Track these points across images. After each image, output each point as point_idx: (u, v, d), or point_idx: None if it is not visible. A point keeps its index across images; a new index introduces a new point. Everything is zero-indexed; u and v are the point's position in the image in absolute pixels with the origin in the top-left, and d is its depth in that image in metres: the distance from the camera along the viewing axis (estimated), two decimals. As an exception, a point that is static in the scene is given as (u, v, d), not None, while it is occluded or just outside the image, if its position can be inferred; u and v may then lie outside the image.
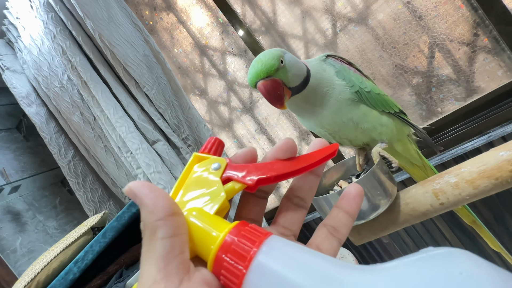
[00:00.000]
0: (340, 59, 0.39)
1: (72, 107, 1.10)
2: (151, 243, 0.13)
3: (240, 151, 0.18)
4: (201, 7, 1.07)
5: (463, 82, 0.81)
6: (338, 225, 0.17)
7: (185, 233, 0.14)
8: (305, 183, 0.18)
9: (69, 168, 1.26)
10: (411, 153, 0.42)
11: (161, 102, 0.91)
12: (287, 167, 0.17)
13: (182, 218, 0.14)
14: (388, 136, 0.38)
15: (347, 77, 0.36)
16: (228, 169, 0.17)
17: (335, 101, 0.36)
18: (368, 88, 0.36)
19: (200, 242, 0.14)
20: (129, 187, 0.14)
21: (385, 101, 0.37)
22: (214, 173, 0.17)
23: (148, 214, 0.14)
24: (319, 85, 0.35)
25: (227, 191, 0.16)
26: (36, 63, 1.13)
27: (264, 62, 0.33)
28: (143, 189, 0.14)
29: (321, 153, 0.17)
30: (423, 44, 0.82)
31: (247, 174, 0.16)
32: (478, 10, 0.74)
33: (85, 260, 0.85)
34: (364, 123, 0.36)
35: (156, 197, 0.14)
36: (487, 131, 0.76)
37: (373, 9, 0.85)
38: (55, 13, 0.96)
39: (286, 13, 0.96)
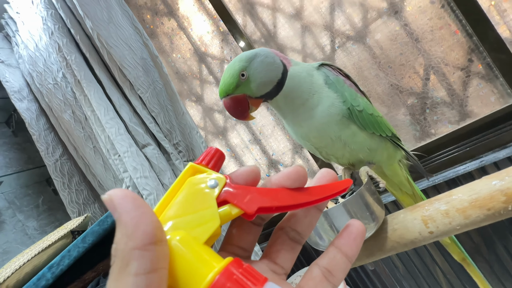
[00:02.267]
0: (337, 70, 0.38)
1: (64, 105, 1.08)
2: (121, 278, 0.10)
3: (242, 169, 0.16)
4: (202, 15, 1.08)
5: (457, 106, 0.82)
6: (334, 269, 0.15)
7: (165, 267, 0.11)
8: (306, 218, 0.17)
9: (56, 167, 1.22)
10: (401, 179, 0.40)
11: (155, 106, 0.89)
12: (293, 199, 0.15)
13: (165, 248, 0.12)
14: (376, 159, 0.37)
15: (340, 90, 0.34)
16: (226, 187, 0.15)
17: (323, 114, 0.34)
18: (361, 107, 0.35)
19: (183, 278, 0.12)
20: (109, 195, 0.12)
21: (377, 123, 0.35)
22: (210, 191, 0.14)
23: (124, 237, 0.11)
24: (296, 90, 0.34)
25: (221, 215, 0.14)
26: (32, 59, 1.11)
27: (224, 81, 0.33)
28: (126, 203, 0.11)
29: (332, 189, 0.15)
30: (418, 66, 0.83)
31: (247, 200, 0.14)
32: (473, 37, 0.75)
33: (61, 265, 0.80)
34: (352, 144, 0.35)
35: (139, 217, 0.11)
36: (480, 155, 0.76)
37: (371, 28, 0.86)
38: (55, 11, 0.96)
39: (286, 26, 0.97)
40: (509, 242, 0.76)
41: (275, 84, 0.34)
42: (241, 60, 0.34)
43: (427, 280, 0.87)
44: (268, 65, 0.34)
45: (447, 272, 0.84)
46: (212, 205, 0.14)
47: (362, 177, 0.33)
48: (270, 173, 1.14)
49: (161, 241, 0.11)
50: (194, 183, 0.15)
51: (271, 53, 0.35)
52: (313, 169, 1.07)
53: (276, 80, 0.34)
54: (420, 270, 0.87)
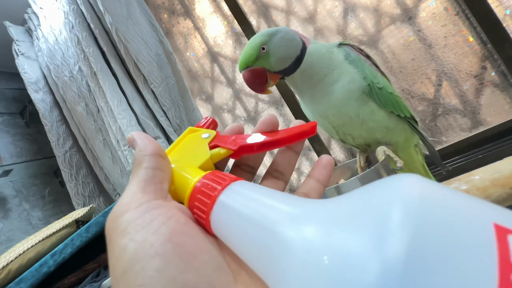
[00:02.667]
0: (358, 49, 0.38)
1: (78, 98, 1.11)
2: (136, 170, 0.15)
3: (229, 126, 0.20)
4: (218, 16, 1.11)
5: (469, 113, 0.81)
6: (310, 192, 0.19)
7: (167, 172, 0.16)
8: (285, 159, 0.20)
9: (65, 158, 1.24)
10: (416, 166, 0.40)
11: (167, 101, 0.91)
12: (269, 138, 0.18)
13: (167, 162, 0.16)
14: (393, 140, 0.36)
15: (361, 67, 0.35)
16: (216, 138, 0.19)
17: (343, 89, 0.34)
18: (381, 84, 0.34)
19: (180, 187, 0.16)
20: (131, 134, 0.17)
21: (396, 102, 0.36)
22: (204, 140, 0.19)
23: (138, 151, 0.16)
24: (315, 65, 0.35)
25: (212, 155, 0.18)
26: (51, 51, 1.15)
27: (245, 53, 0.35)
28: (141, 136, 0.17)
29: (300, 128, 0.19)
30: (431, 72, 0.83)
31: (231, 141, 0.18)
32: (487, 44, 0.75)
33: (63, 253, 0.80)
34: (370, 122, 0.35)
35: (149, 141, 0.16)
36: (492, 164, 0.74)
37: (384, 34, 0.87)
38: (77, 6, 1.00)
39: (300, 29, 0.98)
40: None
41: (293, 60, 0.35)
42: (262, 35, 0.35)
43: None
44: (288, 41, 0.34)
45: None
46: (205, 147, 0.18)
47: (379, 155, 0.33)
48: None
49: (163, 156, 0.16)
50: (192, 137, 0.20)
51: (291, 31, 0.36)
52: (320, 172, 1.06)
53: (295, 56, 0.35)
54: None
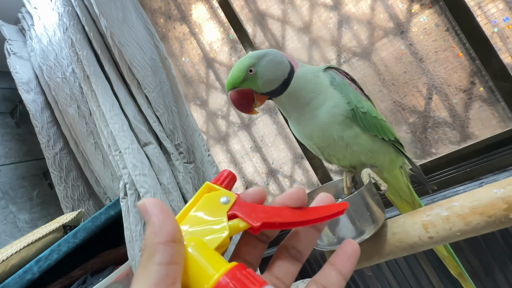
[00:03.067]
0: (344, 73, 0.39)
1: (70, 99, 1.09)
2: (147, 266, 0.13)
3: (251, 189, 0.18)
4: (214, 23, 1.12)
5: (458, 127, 0.83)
6: (329, 286, 0.17)
7: (181, 263, 0.14)
8: (305, 237, 0.18)
9: (54, 161, 1.22)
10: (401, 186, 0.40)
11: (160, 106, 0.90)
12: (294, 216, 0.17)
13: (182, 247, 0.14)
14: (378, 163, 0.37)
15: (345, 92, 0.35)
16: (235, 205, 0.17)
17: (327, 113, 0.35)
18: (365, 109, 0.35)
19: (194, 275, 0.14)
20: (143, 201, 0.15)
21: (380, 125, 0.36)
22: (222, 207, 0.17)
23: (151, 234, 0.14)
24: (301, 89, 0.35)
25: (230, 227, 0.16)
26: (44, 52, 1.14)
27: (232, 74, 0.35)
28: (155, 208, 0.14)
29: (329, 210, 0.17)
30: (422, 85, 0.85)
31: (253, 215, 0.16)
32: (476, 61, 0.77)
33: (49, 260, 0.78)
34: (354, 145, 0.35)
35: (164, 219, 0.14)
36: (479, 177, 0.76)
37: (376, 46, 0.89)
38: (72, 8, 0.99)
39: (295, 39, 0.99)
40: (507, 268, 0.74)
41: (280, 82, 0.35)
42: (251, 57, 0.35)
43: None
44: (276, 64, 0.35)
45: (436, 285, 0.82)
46: (223, 218, 0.16)
47: (363, 178, 0.33)
48: (268, 181, 1.14)
49: (179, 241, 0.14)
50: (209, 199, 0.18)
51: (280, 54, 0.37)
52: (312, 180, 1.06)
53: (282, 79, 0.35)
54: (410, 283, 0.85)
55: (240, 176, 1.18)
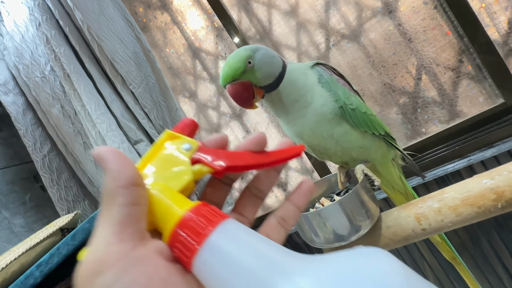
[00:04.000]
0: (331, 69, 0.38)
1: (53, 99, 1.05)
2: (109, 208, 0.14)
3: (213, 136, 0.19)
4: (197, 10, 1.07)
5: (447, 106, 0.84)
6: (287, 216, 0.19)
7: (144, 204, 0.14)
8: (266, 177, 0.20)
9: (44, 163, 1.19)
10: (394, 178, 0.41)
11: (148, 102, 0.88)
12: (255, 159, 0.17)
13: (143, 190, 0.15)
14: (370, 158, 0.37)
15: (333, 89, 0.35)
16: (198, 151, 0.17)
17: (315, 112, 0.35)
18: (354, 105, 0.35)
19: (160, 216, 0.15)
20: (97, 151, 0.15)
21: (370, 121, 0.36)
22: (184, 153, 0.17)
23: (111, 180, 0.14)
24: (293, 85, 0.35)
25: (194, 172, 0.16)
26: (18, 50, 1.07)
27: (230, 66, 0.33)
28: (111, 155, 0.14)
29: (287, 152, 0.18)
30: (411, 66, 0.85)
31: (216, 159, 0.16)
32: (464, 38, 0.77)
33: (50, 263, 0.79)
34: (344, 142, 0.35)
35: (122, 165, 0.14)
36: (467, 154, 0.78)
37: (365, 27, 0.87)
38: (43, 1, 0.92)
39: (282, 23, 0.96)
40: (493, 238, 0.79)
41: (276, 76, 0.35)
42: (246, 49, 0.34)
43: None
44: (270, 58, 0.34)
45: (435, 268, 0.87)
46: (187, 164, 0.16)
47: (357, 175, 0.34)
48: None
49: (140, 184, 0.14)
50: (171, 146, 0.17)
51: (270, 49, 0.36)
52: (307, 166, 1.07)
53: (278, 73, 0.35)
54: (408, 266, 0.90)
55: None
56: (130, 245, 0.13)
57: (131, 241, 0.13)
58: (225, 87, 0.35)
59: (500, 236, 0.78)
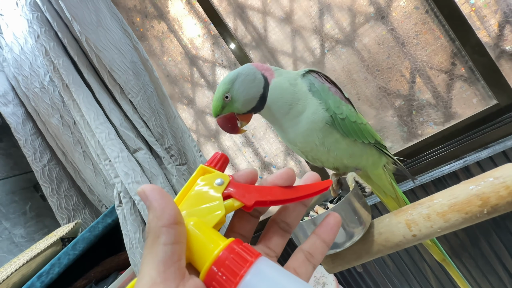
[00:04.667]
0: (323, 76, 0.39)
1: (52, 109, 1.06)
2: (154, 247, 0.14)
3: (243, 170, 0.20)
4: (193, 18, 1.08)
5: (442, 108, 0.85)
6: (314, 252, 0.19)
7: (184, 242, 0.15)
8: (294, 211, 0.20)
9: (44, 173, 1.19)
10: (385, 184, 0.42)
11: (146, 110, 0.89)
12: (284, 194, 0.18)
13: (183, 228, 0.16)
14: (361, 165, 0.38)
15: (324, 98, 0.36)
16: (229, 186, 0.18)
17: (307, 120, 0.36)
18: (344, 115, 0.36)
19: (196, 252, 0.15)
20: (142, 188, 0.16)
21: (360, 130, 0.36)
22: (217, 188, 0.18)
23: (154, 219, 0.15)
24: (278, 101, 0.36)
25: (226, 206, 0.17)
26: (17, 62, 1.09)
27: (213, 104, 0.37)
28: (154, 194, 0.15)
29: (315, 187, 0.19)
30: (405, 69, 0.86)
31: (247, 194, 0.17)
32: (456, 41, 0.78)
33: (51, 274, 0.79)
34: (335, 150, 0.36)
35: (165, 204, 0.15)
36: (463, 155, 0.79)
37: (359, 33, 0.88)
38: (42, 13, 0.94)
39: (277, 30, 0.98)
40: (491, 238, 0.79)
41: (258, 99, 0.36)
42: (224, 84, 0.37)
43: (416, 276, 0.90)
44: (249, 83, 0.36)
45: (435, 269, 0.87)
46: (219, 198, 0.17)
47: (349, 182, 0.34)
48: (263, 175, 1.15)
49: (181, 222, 0.15)
50: (204, 181, 0.19)
51: (252, 70, 0.37)
52: (305, 170, 1.08)
53: (259, 95, 0.36)
54: (409, 267, 0.90)
55: (234, 172, 1.19)
56: (173, 285, 0.14)
57: (173, 281, 0.14)
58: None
59: (498, 236, 0.78)
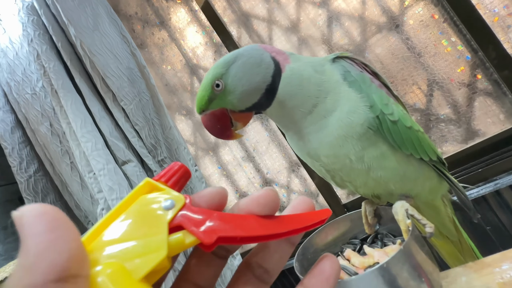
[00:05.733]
0: (362, 64, 0.28)
1: (42, 117, 1.00)
2: None
3: (207, 190, 0.14)
4: (195, 26, 1.04)
5: (463, 124, 0.77)
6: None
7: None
8: (276, 252, 0.14)
9: (28, 184, 1.11)
10: (444, 221, 0.31)
11: (139, 119, 0.82)
12: (262, 228, 0.12)
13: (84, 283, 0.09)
14: (413, 192, 0.27)
15: (366, 91, 0.25)
16: (184, 210, 0.12)
17: (340, 123, 0.25)
18: (395, 116, 0.25)
19: None
20: (21, 211, 0.09)
21: (418, 140, 0.26)
22: (163, 213, 0.12)
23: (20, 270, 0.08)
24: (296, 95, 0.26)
25: (172, 243, 0.11)
26: (11, 67, 1.04)
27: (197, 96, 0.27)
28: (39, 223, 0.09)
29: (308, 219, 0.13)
30: (421, 81, 0.79)
31: (206, 226, 0.12)
32: (478, 52, 0.72)
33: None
34: (379, 170, 0.25)
35: (50, 243, 0.08)
36: (493, 177, 0.69)
37: (370, 42, 0.83)
38: (38, 17, 0.90)
39: (283, 39, 0.93)
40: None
41: (263, 91, 0.26)
42: (216, 67, 0.27)
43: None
44: (251, 68, 0.26)
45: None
46: (162, 231, 0.12)
47: (399, 217, 0.23)
48: (264, 193, 1.06)
49: (76, 276, 0.09)
50: (146, 203, 0.13)
51: (258, 51, 0.27)
52: (311, 189, 0.99)
53: (265, 87, 0.26)
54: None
55: (233, 188, 1.10)
56: None
57: None
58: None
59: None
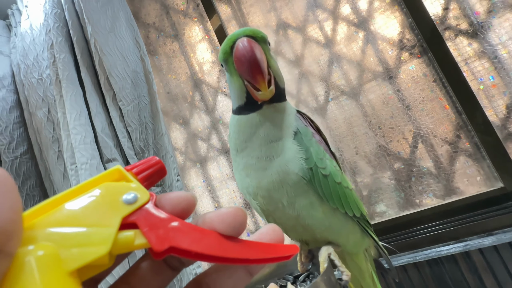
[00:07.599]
0: (308, 120, 0.32)
1: (42, 102, 1.02)
2: None
3: (175, 193, 0.13)
4: (206, 44, 1.10)
5: (443, 180, 0.79)
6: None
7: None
8: (230, 278, 0.13)
9: (12, 165, 1.11)
10: (363, 274, 0.31)
11: (133, 121, 0.84)
12: (221, 248, 0.11)
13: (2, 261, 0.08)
14: (339, 243, 0.29)
15: (305, 144, 0.27)
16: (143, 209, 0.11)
17: (279, 168, 0.27)
18: (327, 170, 0.27)
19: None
20: None
21: (344, 196, 0.27)
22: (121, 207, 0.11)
23: None
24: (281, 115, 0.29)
25: (119, 241, 0.11)
26: (25, 50, 1.09)
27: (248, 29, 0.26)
28: None
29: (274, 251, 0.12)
30: (407, 132, 0.83)
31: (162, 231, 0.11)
32: (462, 115, 0.76)
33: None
34: (308, 218, 0.27)
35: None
36: (464, 238, 0.70)
37: (365, 88, 0.87)
38: (61, 11, 0.96)
39: (285, 70, 0.98)
40: None
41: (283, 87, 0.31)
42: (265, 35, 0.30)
43: None
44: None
45: None
46: (113, 224, 0.11)
47: (321, 259, 0.25)
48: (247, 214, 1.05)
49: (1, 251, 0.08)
50: (107, 190, 0.12)
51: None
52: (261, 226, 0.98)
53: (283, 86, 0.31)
54: None
55: (214, 204, 1.09)
56: None
57: None
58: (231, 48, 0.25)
59: None
